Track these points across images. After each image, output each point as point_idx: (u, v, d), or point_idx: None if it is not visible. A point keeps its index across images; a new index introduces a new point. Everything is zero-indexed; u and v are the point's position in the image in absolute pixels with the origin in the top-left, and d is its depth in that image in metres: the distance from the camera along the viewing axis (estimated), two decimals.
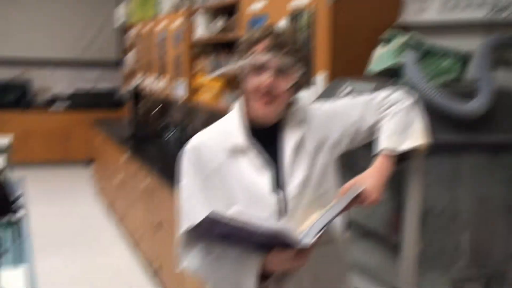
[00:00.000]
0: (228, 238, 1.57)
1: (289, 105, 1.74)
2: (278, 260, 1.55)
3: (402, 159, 1.70)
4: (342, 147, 1.76)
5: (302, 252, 1.51)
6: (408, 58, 1.97)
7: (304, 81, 1.71)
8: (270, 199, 1.65)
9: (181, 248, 1.70)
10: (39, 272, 4.72)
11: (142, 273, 4.76)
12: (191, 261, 1.68)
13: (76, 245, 5.42)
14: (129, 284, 4.53)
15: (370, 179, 1.62)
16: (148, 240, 4.57)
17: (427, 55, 2.06)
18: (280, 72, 1.62)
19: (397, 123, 1.70)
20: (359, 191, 1.58)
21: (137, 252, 5.10)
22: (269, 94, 1.62)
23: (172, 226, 3.87)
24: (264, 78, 1.61)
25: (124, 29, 7.60)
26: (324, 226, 1.50)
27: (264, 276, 1.59)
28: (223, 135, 1.72)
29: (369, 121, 1.75)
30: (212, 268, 1.65)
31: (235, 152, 1.69)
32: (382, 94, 1.78)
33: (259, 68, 1.62)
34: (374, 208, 2.26)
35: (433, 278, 2.16)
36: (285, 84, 1.63)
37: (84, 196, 7.17)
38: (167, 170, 4.29)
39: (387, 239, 2.13)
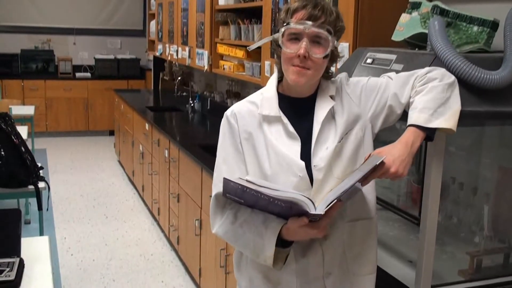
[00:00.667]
0: (250, 203, 1.61)
1: (323, 77, 1.75)
2: (293, 229, 1.56)
3: (429, 136, 1.65)
4: (377, 125, 1.75)
5: (318, 221, 1.52)
6: (433, 26, 1.90)
7: (338, 54, 1.72)
8: (299, 167, 1.66)
9: (212, 211, 1.76)
10: (61, 241, 4.79)
11: (161, 243, 4.80)
12: (219, 226, 1.73)
13: (97, 214, 5.49)
14: (149, 254, 4.57)
15: (394, 150, 1.59)
16: (168, 211, 4.59)
17: (452, 23, 1.99)
18: (315, 42, 1.64)
19: (431, 99, 1.65)
20: (377, 162, 1.54)
21: (157, 223, 5.14)
22: (302, 63, 1.64)
23: (191, 197, 3.87)
24: (300, 46, 1.62)
25: None
26: (340, 195, 1.49)
27: (286, 243, 1.62)
28: (258, 105, 1.76)
29: (405, 98, 1.72)
30: (237, 233, 1.69)
31: (268, 121, 1.72)
32: (420, 72, 1.74)
33: (295, 37, 1.65)
34: (393, 181, 2.23)
35: (452, 251, 2.13)
36: (319, 53, 1.64)
37: (105, 166, 7.24)
38: (188, 141, 4.29)
39: (406, 212, 2.10)
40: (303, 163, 1.67)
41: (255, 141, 1.72)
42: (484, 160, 2.17)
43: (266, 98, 1.76)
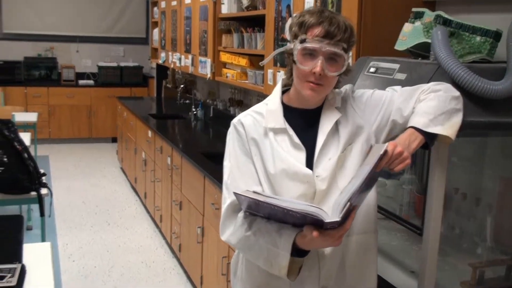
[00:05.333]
0: (266, 214, 1.62)
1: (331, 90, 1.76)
2: (310, 237, 1.54)
3: (427, 142, 1.65)
4: (381, 138, 1.76)
5: (335, 230, 1.50)
6: (436, 36, 1.91)
7: (350, 68, 1.73)
8: (306, 175, 1.67)
9: (224, 218, 1.75)
10: (63, 247, 4.79)
11: (163, 251, 4.79)
12: (232, 234, 1.73)
13: (99, 221, 5.48)
14: (150, 262, 4.56)
15: (396, 140, 1.61)
16: (170, 218, 4.58)
17: (455, 32, 1.99)
18: (330, 58, 1.65)
19: (433, 106, 1.66)
20: (382, 150, 1.52)
21: (158, 230, 5.14)
22: (318, 80, 1.65)
23: (193, 205, 3.87)
24: (316, 64, 1.63)
25: (152, 3, 7.59)
26: (352, 195, 1.47)
27: (301, 253, 1.61)
28: (264, 115, 1.77)
29: (408, 113, 1.72)
30: (250, 242, 1.68)
31: (274, 132, 1.73)
32: (425, 86, 1.75)
33: (310, 53, 1.64)
34: (396, 191, 2.23)
35: (454, 262, 2.12)
36: (334, 71, 1.65)
37: (108, 172, 7.24)
38: (191, 148, 4.30)
39: (409, 221, 2.10)
40: (310, 171, 1.68)
41: (261, 147, 1.73)
42: (487, 170, 2.17)
43: (270, 110, 1.76)
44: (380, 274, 1.87)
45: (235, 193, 1.59)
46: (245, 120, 1.77)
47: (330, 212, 1.48)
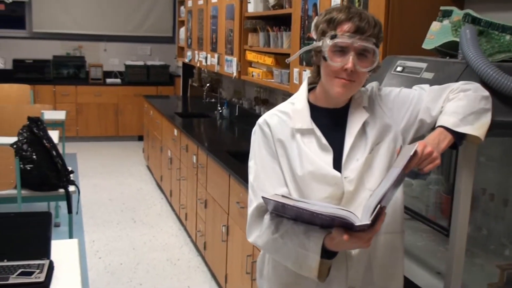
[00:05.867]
0: (293, 216, 1.61)
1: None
2: (339, 240, 1.53)
3: (456, 142, 1.63)
4: (408, 137, 1.74)
5: (364, 232, 1.49)
6: (465, 34, 1.88)
7: (380, 64, 1.72)
8: (334, 177, 1.66)
9: (251, 221, 1.75)
10: (90, 244, 4.84)
11: (188, 248, 4.82)
12: (259, 236, 1.72)
13: (125, 219, 5.54)
14: (175, 259, 4.59)
15: (424, 140, 1.58)
16: (195, 216, 4.60)
17: (484, 31, 1.96)
18: (361, 54, 1.63)
19: (463, 105, 1.64)
20: (411, 152, 1.50)
21: (184, 228, 5.16)
22: (349, 77, 1.63)
23: (218, 203, 3.88)
24: (348, 60, 1.62)
25: (178, 3, 7.63)
26: (381, 198, 1.46)
27: (329, 254, 1.60)
28: (290, 115, 1.75)
29: (436, 112, 1.70)
30: (277, 244, 1.67)
31: (301, 133, 1.72)
32: (454, 85, 1.73)
33: (340, 49, 1.63)
34: (422, 191, 2.21)
35: (481, 264, 2.10)
36: (366, 67, 1.64)
37: (134, 170, 7.31)
38: (216, 147, 4.31)
39: (435, 222, 2.08)
40: (338, 174, 1.67)
41: (287, 149, 1.72)
42: None
43: (297, 110, 1.75)
44: (406, 275, 1.86)
45: (263, 197, 1.58)
46: (271, 121, 1.76)
47: (360, 215, 1.47)
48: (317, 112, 1.75)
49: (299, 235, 1.61)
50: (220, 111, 5.96)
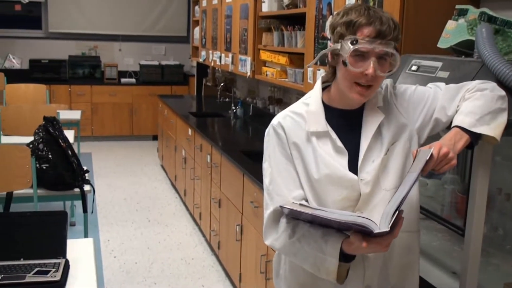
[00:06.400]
0: (310, 220, 1.62)
1: None
2: (356, 246, 1.53)
3: (472, 142, 1.62)
4: (424, 136, 1.73)
5: (383, 237, 1.48)
6: (481, 33, 1.87)
7: (397, 67, 1.68)
8: (351, 180, 1.65)
9: (267, 224, 1.74)
10: (105, 243, 4.87)
11: (202, 248, 4.83)
12: (276, 239, 1.72)
13: (140, 218, 5.56)
14: (190, 258, 4.60)
15: (439, 141, 1.57)
16: (209, 215, 4.61)
17: (500, 30, 1.95)
18: (381, 58, 1.60)
19: (479, 105, 1.62)
20: (427, 155, 1.49)
21: (198, 227, 5.18)
22: (368, 82, 1.61)
23: (232, 203, 3.89)
24: (368, 66, 1.58)
25: (193, 2, 7.64)
26: (400, 204, 1.46)
27: (347, 257, 1.59)
28: (305, 117, 1.73)
29: (452, 112, 1.69)
30: (295, 248, 1.67)
31: (317, 135, 1.70)
32: (470, 84, 1.71)
33: (360, 54, 1.59)
34: (437, 190, 2.20)
35: (497, 263, 2.08)
36: (384, 71, 1.62)
37: (149, 170, 7.34)
38: (230, 146, 4.31)
39: (450, 222, 2.06)
40: (355, 176, 1.65)
41: (302, 152, 1.71)
42: None
43: (311, 112, 1.73)
44: (421, 274, 1.85)
45: (281, 206, 1.60)
46: (285, 123, 1.74)
47: (376, 219, 1.46)
48: (331, 113, 1.73)
49: (316, 239, 1.61)
50: (234, 110, 5.97)
